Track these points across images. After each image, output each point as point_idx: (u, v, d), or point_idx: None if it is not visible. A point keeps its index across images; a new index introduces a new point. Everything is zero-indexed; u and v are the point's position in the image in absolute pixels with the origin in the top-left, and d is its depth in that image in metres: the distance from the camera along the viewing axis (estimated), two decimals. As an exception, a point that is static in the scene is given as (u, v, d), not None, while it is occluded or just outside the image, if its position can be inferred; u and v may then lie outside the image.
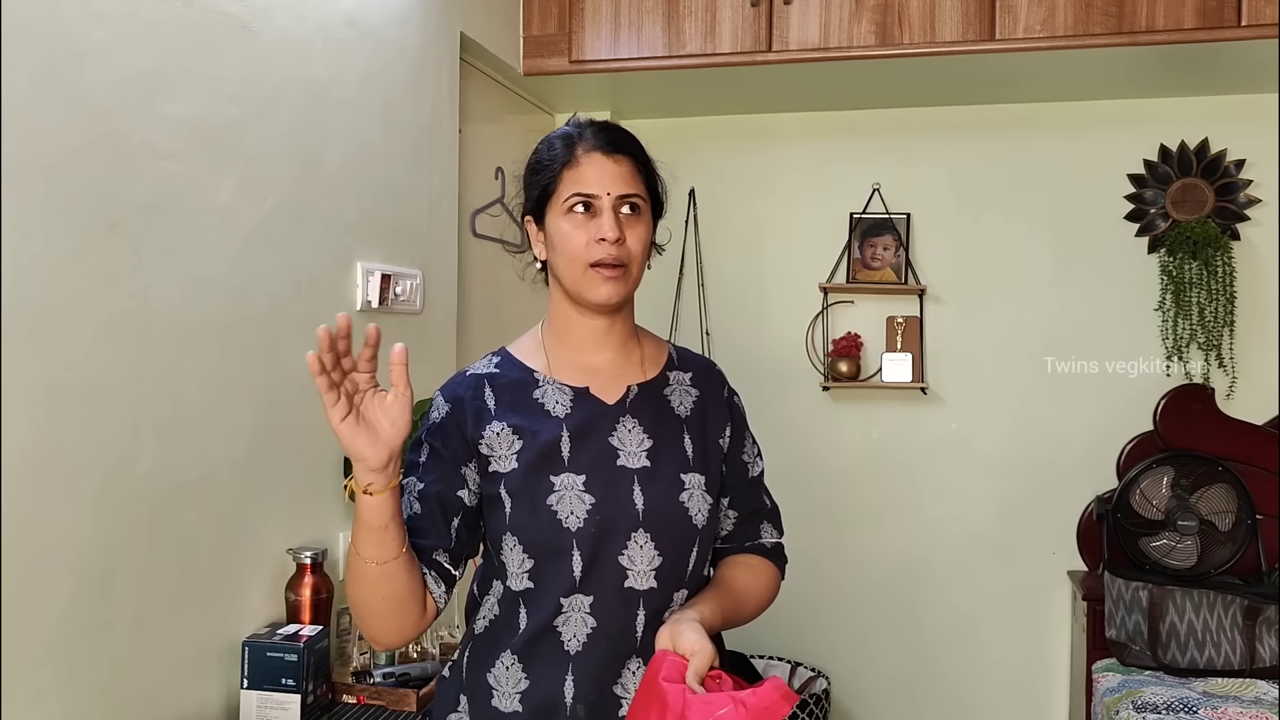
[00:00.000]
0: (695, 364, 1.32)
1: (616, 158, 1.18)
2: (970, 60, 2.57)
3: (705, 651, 1.04)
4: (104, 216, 1.41)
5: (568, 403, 1.21)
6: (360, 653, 1.82)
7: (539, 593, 1.16)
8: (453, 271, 2.38)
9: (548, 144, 1.22)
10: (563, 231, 1.18)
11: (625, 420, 1.21)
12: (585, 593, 1.15)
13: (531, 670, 1.16)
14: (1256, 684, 2.47)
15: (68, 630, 1.38)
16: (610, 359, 1.24)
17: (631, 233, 1.17)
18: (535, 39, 2.73)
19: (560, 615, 1.16)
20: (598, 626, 1.15)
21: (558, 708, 1.15)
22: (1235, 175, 2.87)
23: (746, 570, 1.28)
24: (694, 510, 1.20)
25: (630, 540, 1.16)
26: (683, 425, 1.24)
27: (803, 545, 3.07)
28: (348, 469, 1.95)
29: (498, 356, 1.26)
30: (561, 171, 1.18)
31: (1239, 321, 2.85)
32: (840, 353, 3.06)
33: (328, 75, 1.91)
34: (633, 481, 1.18)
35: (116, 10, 1.43)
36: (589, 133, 1.20)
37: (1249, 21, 2.33)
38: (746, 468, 1.31)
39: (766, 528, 1.32)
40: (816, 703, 2.78)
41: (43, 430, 1.33)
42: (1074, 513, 2.97)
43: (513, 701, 1.16)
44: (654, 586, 1.17)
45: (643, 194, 1.20)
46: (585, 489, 1.16)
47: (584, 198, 1.17)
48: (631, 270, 1.18)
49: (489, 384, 1.22)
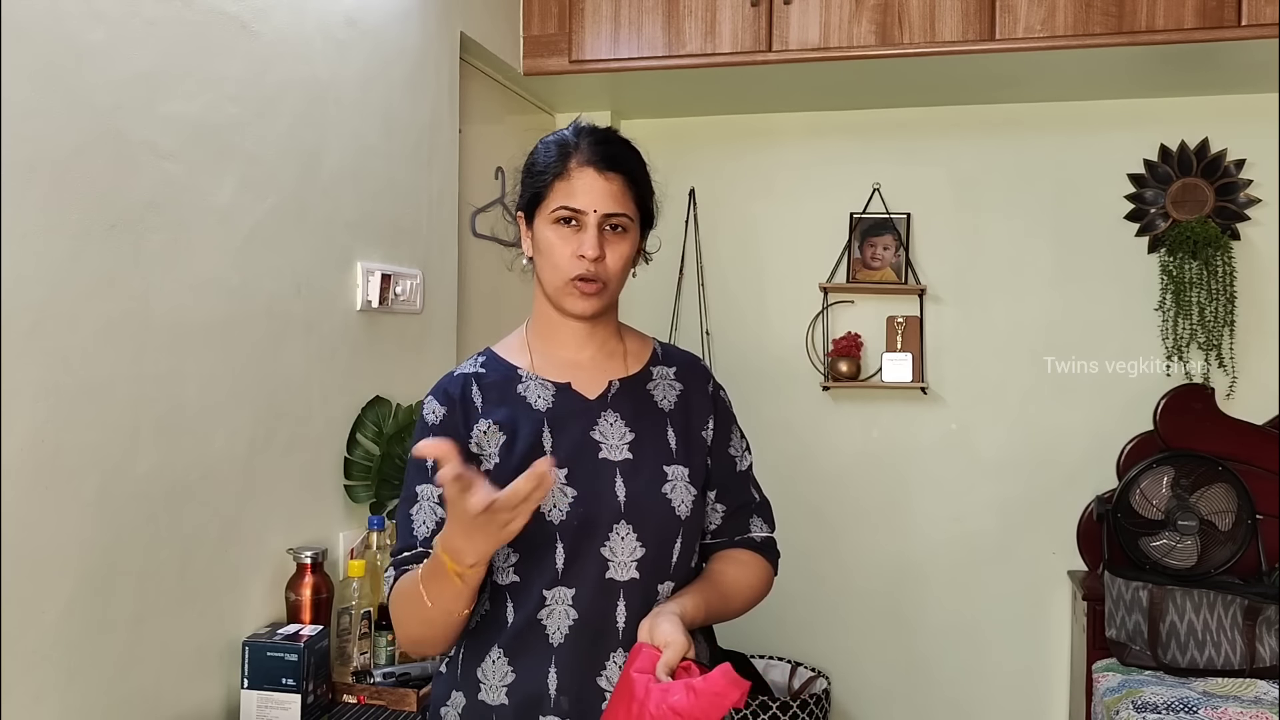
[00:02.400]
0: (680, 359, 1.34)
1: (608, 175, 1.19)
2: (970, 60, 2.57)
3: (677, 644, 1.06)
4: (104, 216, 1.41)
5: (549, 397, 1.23)
6: (360, 653, 1.82)
7: (523, 586, 1.18)
8: (453, 271, 2.38)
9: (545, 147, 1.24)
10: (548, 240, 1.20)
11: (607, 414, 1.23)
12: (567, 585, 1.17)
13: (517, 663, 1.18)
14: (1256, 684, 2.47)
15: (68, 630, 1.38)
16: (592, 356, 1.27)
17: (613, 251, 1.19)
18: (535, 39, 2.73)
19: (544, 608, 1.17)
20: (579, 619, 1.17)
21: (542, 700, 1.17)
22: (1235, 175, 2.87)
23: (734, 564, 1.28)
24: (677, 502, 1.21)
25: (612, 532, 1.18)
26: (666, 418, 1.26)
27: (803, 545, 3.08)
28: (348, 469, 1.96)
29: (483, 356, 1.29)
30: (553, 181, 1.20)
31: (1239, 321, 2.85)
32: (840, 352, 3.06)
33: (328, 75, 1.91)
34: (615, 474, 1.20)
35: (116, 10, 1.43)
36: (585, 144, 1.20)
37: (1249, 21, 2.33)
38: (734, 461, 1.32)
39: (756, 521, 1.32)
40: (816, 703, 2.78)
41: (43, 430, 1.33)
42: (1074, 513, 2.97)
43: (499, 695, 1.18)
44: (635, 578, 1.18)
45: (630, 212, 1.21)
46: (567, 482, 1.18)
47: (571, 212, 1.19)
48: (610, 286, 1.21)
49: (476, 383, 1.25)
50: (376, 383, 2.06)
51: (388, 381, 2.10)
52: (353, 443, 1.98)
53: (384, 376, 2.09)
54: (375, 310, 2.05)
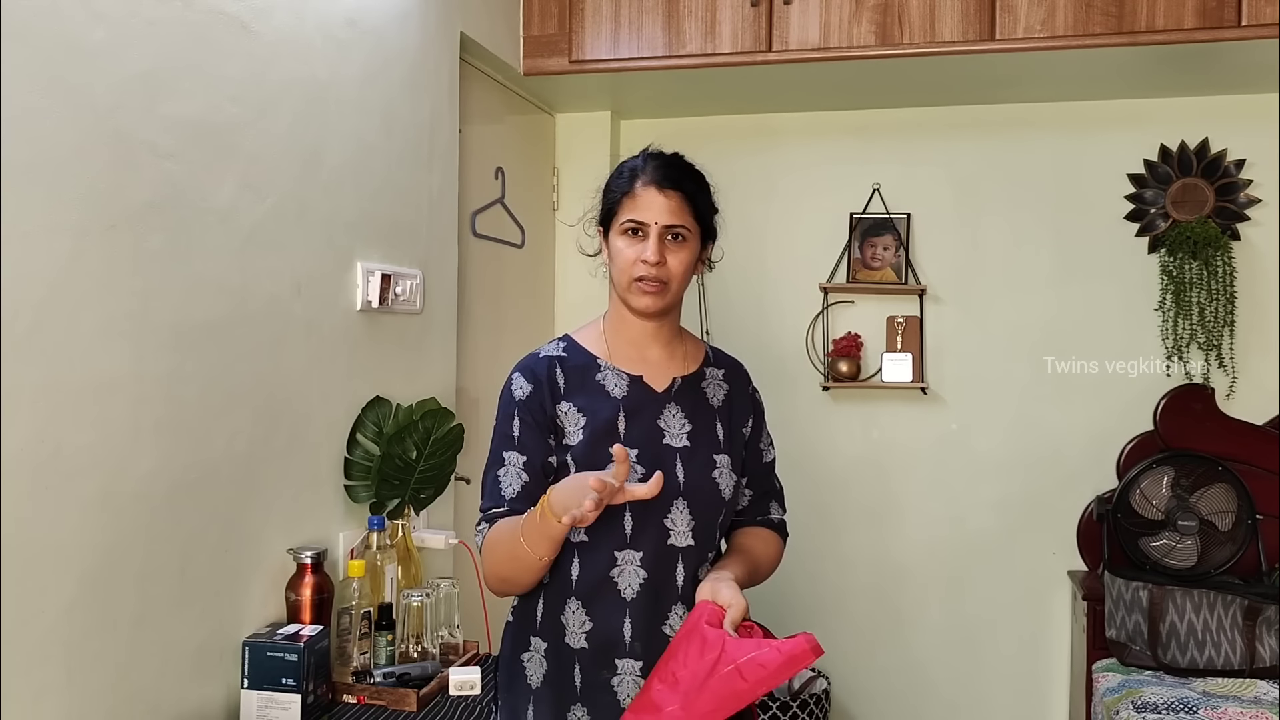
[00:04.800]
0: (727, 362, 1.56)
1: (668, 192, 1.39)
2: (970, 60, 2.57)
3: (740, 605, 1.29)
4: (104, 216, 1.41)
5: (625, 386, 1.43)
6: (360, 653, 1.82)
7: (591, 546, 1.38)
8: (453, 271, 2.38)
9: (618, 172, 1.46)
10: (617, 248, 1.42)
11: (670, 406, 1.44)
12: (635, 549, 1.37)
13: (594, 614, 1.38)
14: (1256, 684, 2.47)
15: (68, 630, 1.38)
16: (659, 354, 1.47)
17: (674, 257, 1.39)
18: (535, 39, 2.73)
19: (616, 567, 1.37)
20: (648, 578, 1.37)
21: (618, 644, 1.37)
22: (1235, 175, 2.87)
23: (760, 539, 1.51)
24: (723, 485, 1.43)
25: (673, 507, 1.38)
26: (715, 414, 1.47)
27: (803, 544, 3.08)
28: (348, 469, 1.96)
29: (563, 342, 1.48)
30: (622, 199, 1.42)
31: (1239, 321, 2.85)
32: (840, 353, 3.06)
33: (328, 75, 1.91)
34: (676, 458, 1.41)
35: (116, 10, 1.43)
36: (650, 167, 1.42)
37: (1249, 21, 2.33)
38: (763, 454, 1.55)
39: (774, 505, 1.56)
40: (816, 703, 2.78)
41: (43, 430, 1.33)
42: (1074, 513, 2.98)
43: (580, 640, 1.38)
44: (691, 544, 1.39)
45: (689, 224, 1.40)
46: (637, 460, 1.37)
47: (635, 224, 1.39)
48: (671, 286, 1.40)
49: (559, 365, 1.44)
50: (376, 383, 2.06)
51: (388, 381, 2.10)
52: (353, 443, 1.98)
53: (384, 376, 2.09)
54: (375, 310, 2.05)
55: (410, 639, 1.92)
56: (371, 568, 1.88)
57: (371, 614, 1.84)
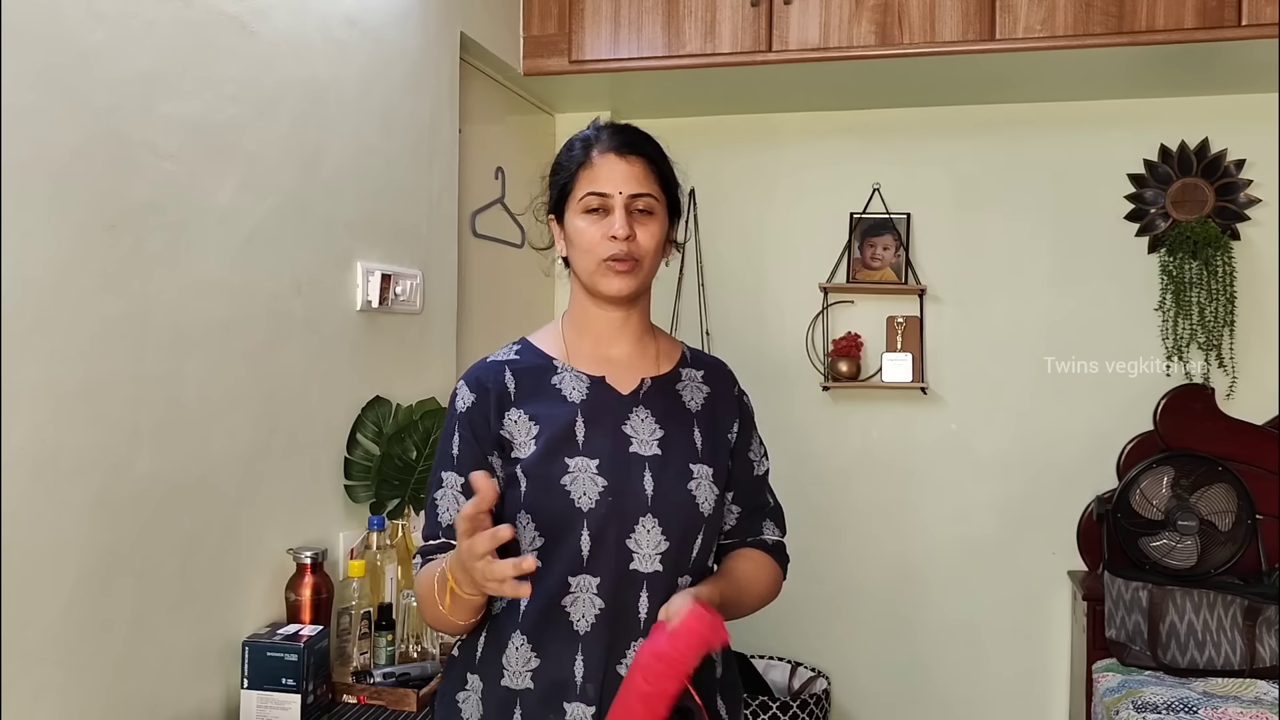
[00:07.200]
0: (707, 363, 1.37)
1: (629, 158, 1.23)
2: (970, 60, 2.57)
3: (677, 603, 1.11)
4: (104, 216, 1.41)
5: (584, 389, 1.26)
6: (360, 653, 1.82)
7: (543, 571, 1.19)
8: (453, 271, 2.38)
9: (568, 146, 1.28)
10: (578, 228, 1.24)
11: (638, 410, 1.26)
12: (592, 573, 1.19)
13: (542, 650, 1.20)
14: (1256, 684, 2.47)
15: (68, 630, 1.38)
16: (626, 352, 1.29)
17: (643, 230, 1.22)
18: (535, 39, 2.73)
19: (568, 595, 1.19)
20: (605, 608, 1.19)
21: (568, 685, 1.19)
22: (1235, 175, 2.87)
23: (747, 561, 1.31)
24: (701, 499, 1.24)
25: (638, 524, 1.20)
26: (693, 419, 1.29)
27: (803, 545, 3.07)
28: (348, 469, 1.96)
29: (518, 345, 1.32)
30: (578, 171, 1.24)
31: (1239, 321, 2.85)
32: (840, 353, 3.06)
33: (328, 75, 1.91)
34: (644, 468, 1.22)
35: (116, 10, 1.43)
36: (605, 134, 1.25)
37: (1249, 21, 2.34)
38: (752, 465, 1.35)
39: (768, 525, 1.35)
40: (816, 703, 2.78)
41: (43, 430, 1.33)
42: (1074, 513, 2.97)
43: (524, 680, 1.20)
44: (659, 570, 1.20)
45: (655, 193, 1.24)
46: (598, 472, 1.20)
47: (598, 197, 1.22)
48: (644, 264, 1.24)
49: (509, 370, 1.27)
50: (376, 383, 2.06)
51: (388, 381, 2.10)
52: (353, 443, 1.98)
53: (384, 376, 2.09)
54: (375, 310, 2.05)
55: (410, 639, 1.92)
56: (371, 568, 1.88)
57: (371, 614, 1.84)
